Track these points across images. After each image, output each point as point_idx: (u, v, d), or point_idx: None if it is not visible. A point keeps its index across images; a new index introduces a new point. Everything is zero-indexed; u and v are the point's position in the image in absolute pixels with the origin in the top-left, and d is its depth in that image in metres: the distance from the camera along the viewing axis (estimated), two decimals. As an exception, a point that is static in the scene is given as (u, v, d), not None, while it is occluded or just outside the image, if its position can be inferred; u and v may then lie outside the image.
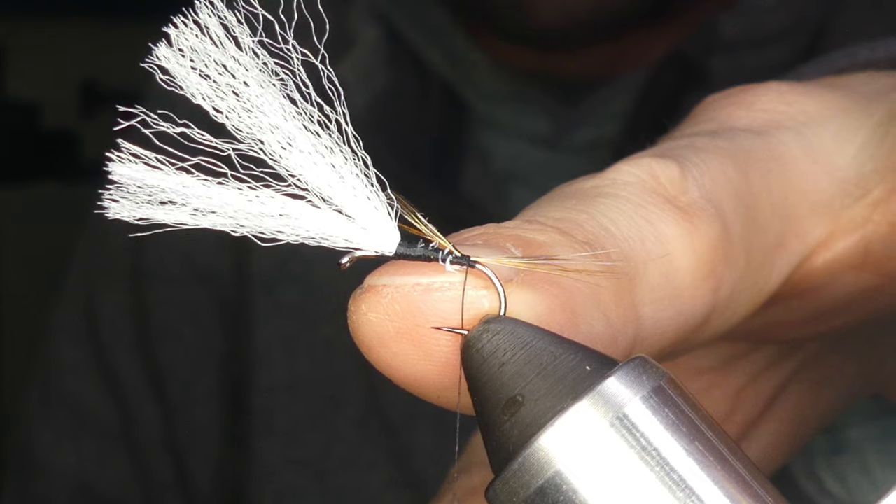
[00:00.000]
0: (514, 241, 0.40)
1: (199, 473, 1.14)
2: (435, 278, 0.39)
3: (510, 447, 0.37)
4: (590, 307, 0.40)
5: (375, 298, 0.39)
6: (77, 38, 3.40)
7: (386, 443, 1.07)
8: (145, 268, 1.15)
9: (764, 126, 0.49)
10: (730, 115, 0.50)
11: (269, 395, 1.09)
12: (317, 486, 1.09)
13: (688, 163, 0.45)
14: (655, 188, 0.44)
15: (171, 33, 0.38)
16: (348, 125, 0.39)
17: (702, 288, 0.44)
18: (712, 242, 0.44)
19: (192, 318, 1.14)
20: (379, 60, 1.08)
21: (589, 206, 0.43)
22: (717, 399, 0.56)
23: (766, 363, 0.57)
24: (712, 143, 0.47)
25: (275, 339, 1.10)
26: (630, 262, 0.41)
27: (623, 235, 0.42)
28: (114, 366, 1.16)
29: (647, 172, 0.44)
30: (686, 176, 0.44)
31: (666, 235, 0.43)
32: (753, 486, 0.37)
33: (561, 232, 0.41)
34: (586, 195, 0.44)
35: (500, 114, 1.10)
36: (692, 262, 0.43)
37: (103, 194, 0.39)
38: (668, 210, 0.43)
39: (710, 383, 0.56)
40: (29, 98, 3.29)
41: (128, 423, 1.16)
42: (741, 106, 0.50)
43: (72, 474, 1.16)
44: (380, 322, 0.39)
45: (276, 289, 1.10)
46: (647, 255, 0.42)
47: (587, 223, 0.42)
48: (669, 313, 0.43)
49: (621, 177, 0.44)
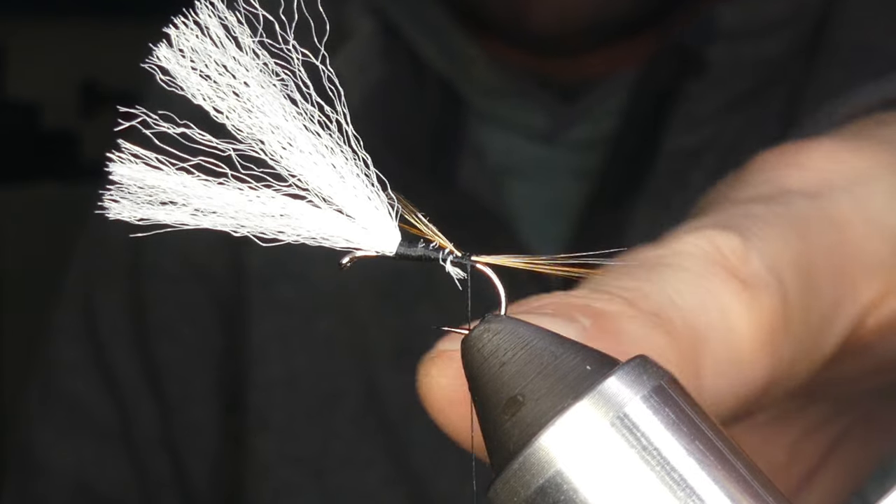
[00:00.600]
0: (583, 311, 0.41)
1: (197, 471, 1.14)
2: None
3: (511, 447, 0.37)
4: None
5: (447, 364, 0.40)
6: (77, 38, 3.40)
7: (384, 440, 1.07)
8: (143, 266, 1.15)
9: (817, 188, 0.49)
10: (783, 176, 0.50)
11: (267, 392, 1.09)
12: (314, 482, 1.09)
13: (749, 233, 0.46)
14: (718, 260, 0.45)
15: (171, 34, 0.38)
16: (349, 125, 0.39)
17: (761, 358, 0.44)
18: (772, 313, 0.44)
19: (189, 316, 1.14)
20: (374, 53, 1.07)
21: (654, 276, 0.43)
22: (773, 452, 0.57)
23: (822, 418, 0.57)
24: (770, 210, 0.48)
25: (272, 336, 1.10)
26: (694, 333, 0.42)
27: (687, 306, 0.43)
28: (112, 365, 1.16)
29: (710, 244, 0.45)
30: (748, 247, 0.45)
31: (728, 307, 0.43)
32: (754, 485, 0.37)
33: (628, 303, 0.42)
34: (651, 265, 0.44)
35: (496, 109, 1.10)
36: (752, 333, 0.44)
37: (104, 194, 0.39)
38: (730, 282, 0.44)
39: (764, 438, 0.56)
40: (29, 98, 3.29)
41: (126, 421, 1.16)
42: (793, 167, 0.51)
43: (71, 473, 1.16)
44: (451, 387, 0.40)
45: (272, 286, 1.10)
46: (710, 326, 0.43)
47: (653, 294, 0.42)
48: (729, 382, 0.44)
49: (684, 248, 0.45)
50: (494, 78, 1.08)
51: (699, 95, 1.04)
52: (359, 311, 1.08)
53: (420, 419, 1.19)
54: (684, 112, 1.04)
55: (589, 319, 0.40)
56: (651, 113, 1.06)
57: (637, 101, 1.06)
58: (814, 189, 0.49)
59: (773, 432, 0.56)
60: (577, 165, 1.08)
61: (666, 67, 1.05)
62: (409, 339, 1.07)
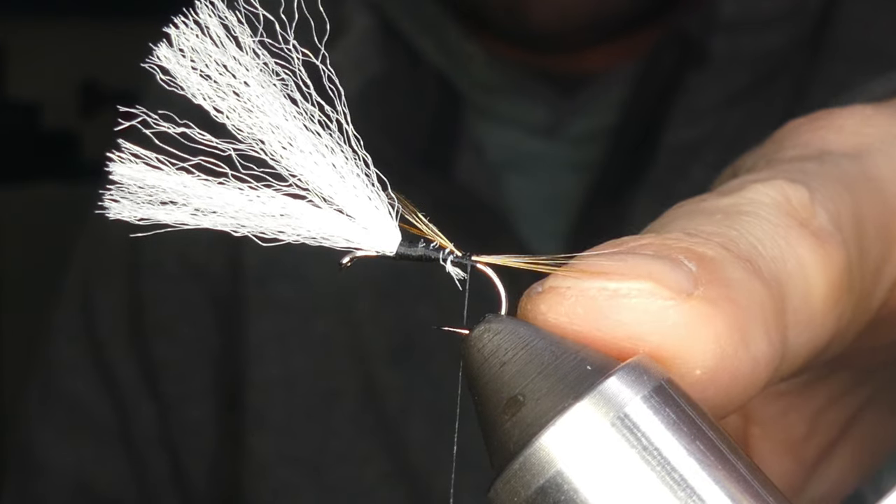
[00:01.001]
0: (686, 254, 0.39)
1: (195, 470, 1.14)
2: (622, 283, 0.38)
3: (511, 447, 0.37)
4: (757, 327, 0.40)
5: (557, 300, 0.38)
6: (77, 38, 3.40)
7: (382, 438, 1.07)
8: (142, 266, 1.15)
9: (856, 149, 0.49)
10: (822, 139, 0.50)
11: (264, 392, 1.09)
12: (312, 481, 1.09)
13: (812, 188, 0.45)
14: (790, 211, 0.44)
15: (171, 33, 0.38)
16: (349, 125, 0.39)
17: (831, 315, 0.44)
18: (841, 269, 0.44)
19: (187, 316, 1.14)
20: (371, 48, 1.07)
21: (735, 222, 0.42)
22: (795, 422, 0.56)
23: (845, 387, 0.57)
24: (822, 168, 0.48)
25: (269, 335, 1.10)
26: (780, 284, 0.41)
27: (769, 255, 0.42)
28: (111, 364, 1.16)
29: (782, 194, 0.44)
30: (814, 200, 0.45)
31: (804, 260, 0.43)
32: (754, 485, 0.37)
33: (723, 246, 0.41)
34: (728, 212, 0.43)
35: (496, 104, 1.10)
36: (825, 289, 0.43)
37: (104, 194, 0.38)
38: (804, 234, 0.43)
39: (788, 406, 0.56)
40: (29, 98, 3.29)
41: (125, 421, 1.16)
42: (831, 130, 0.51)
43: (70, 473, 1.16)
44: (559, 324, 0.39)
45: (269, 284, 1.10)
46: (790, 279, 0.42)
47: (740, 240, 0.41)
48: (805, 338, 0.43)
49: (758, 196, 0.44)
50: (493, 75, 1.08)
51: (700, 88, 1.04)
52: (356, 311, 1.08)
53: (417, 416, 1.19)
54: (685, 105, 1.04)
55: (693, 262, 0.39)
56: (652, 105, 1.06)
57: (638, 93, 1.06)
58: (852, 150, 0.49)
59: (796, 401, 0.56)
60: (577, 159, 1.08)
61: (667, 58, 1.05)
62: (406, 338, 1.07)
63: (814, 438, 0.57)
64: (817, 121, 0.52)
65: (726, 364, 0.39)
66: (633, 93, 1.06)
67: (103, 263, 1.18)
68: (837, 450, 0.58)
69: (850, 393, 0.57)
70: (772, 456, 0.57)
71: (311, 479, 1.09)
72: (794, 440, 0.57)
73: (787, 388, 0.56)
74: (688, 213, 0.43)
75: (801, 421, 0.57)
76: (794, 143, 0.51)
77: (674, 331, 0.38)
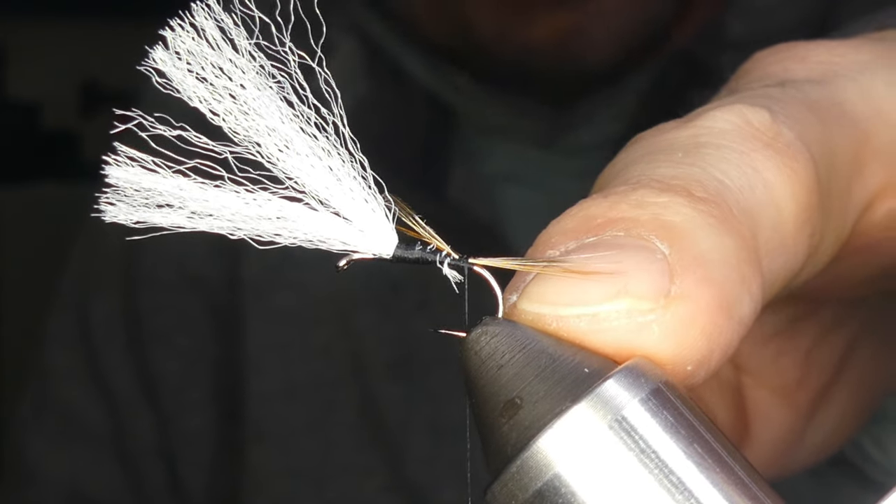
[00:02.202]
0: (656, 231, 0.39)
1: (193, 481, 1.14)
2: (600, 308, 0.38)
3: (508, 450, 0.37)
4: (738, 293, 0.39)
5: (539, 323, 0.39)
6: (77, 38, 3.40)
7: (380, 450, 1.07)
8: (138, 274, 1.14)
9: (822, 76, 0.49)
10: (786, 69, 0.50)
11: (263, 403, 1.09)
12: (312, 493, 1.09)
13: (774, 109, 0.45)
14: (752, 133, 0.43)
15: (167, 36, 0.38)
16: (345, 127, 0.39)
17: (802, 234, 0.44)
18: (810, 187, 0.44)
19: (184, 325, 1.14)
20: (357, 69, 1.07)
21: (698, 159, 0.42)
22: (787, 367, 0.56)
23: (831, 323, 0.57)
24: (784, 92, 0.47)
25: (267, 346, 1.10)
26: (751, 219, 0.41)
27: (736, 187, 0.41)
28: (106, 373, 1.15)
29: (742, 118, 0.44)
30: (777, 120, 0.44)
31: (771, 182, 0.42)
32: (752, 488, 0.37)
33: (688, 193, 0.40)
34: (689, 147, 0.43)
35: (490, 117, 1.09)
36: (794, 208, 0.43)
37: (100, 198, 0.38)
38: (770, 155, 0.43)
39: (778, 350, 0.56)
40: (29, 98, 3.29)
41: (120, 430, 1.15)
42: (795, 60, 0.51)
43: (63, 482, 1.16)
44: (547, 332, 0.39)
45: (267, 294, 1.09)
46: (760, 207, 0.42)
47: (704, 179, 0.41)
48: (779, 263, 0.43)
49: (717, 124, 0.44)
50: (484, 96, 1.08)
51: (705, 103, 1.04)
52: (356, 322, 1.08)
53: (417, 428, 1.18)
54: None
55: (666, 244, 0.39)
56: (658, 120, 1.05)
57: (643, 109, 1.06)
58: (818, 77, 0.49)
59: (785, 344, 0.56)
60: (576, 170, 1.08)
61: (674, 72, 1.05)
62: (406, 351, 1.06)
63: (808, 382, 0.57)
64: (780, 52, 0.52)
65: (714, 346, 0.39)
66: (638, 107, 1.06)
67: (100, 271, 1.18)
68: (833, 393, 0.58)
69: (836, 329, 0.57)
70: (767, 405, 0.56)
71: (310, 491, 1.09)
72: (787, 386, 0.56)
73: (774, 331, 0.55)
74: (648, 155, 0.43)
75: (793, 365, 0.56)
76: (759, 74, 0.51)
77: (660, 342, 0.38)
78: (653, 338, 0.38)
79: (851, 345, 0.58)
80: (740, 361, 0.56)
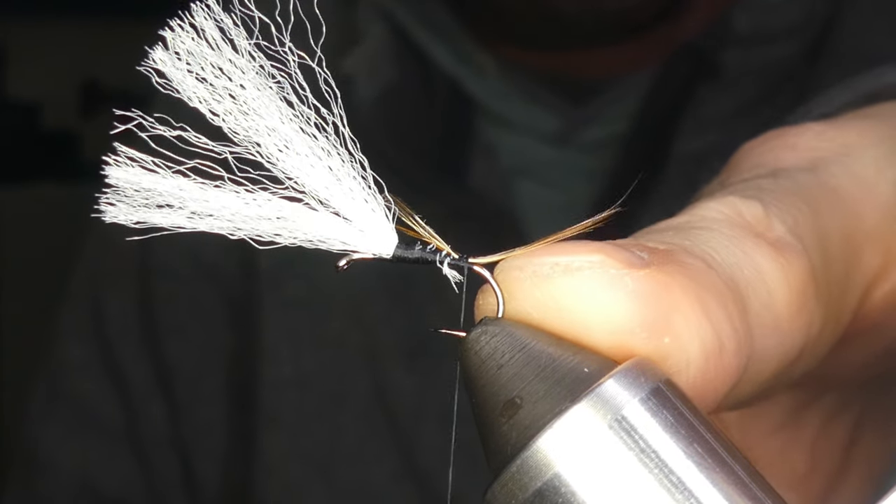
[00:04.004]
0: (636, 247, 0.40)
1: (205, 470, 1.14)
2: (574, 257, 0.38)
3: (508, 449, 0.37)
4: (716, 303, 0.40)
5: (516, 285, 0.39)
6: (77, 38, 3.40)
7: (392, 437, 1.08)
8: (152, 265, 1.15)
9: (812, 163, 0.50)
10: (777, 158, 0.51)
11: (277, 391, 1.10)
12: (323, 479, 1.09)
13: (766, 202, 0.46)
14: (743, 224, 0.44)
15: (167, 36, 0.38)
16: (345, 127, 0.39)
17: (797, 321, 0.44)
18: (804, 277, 0.44)
19: (199, 315, 1.14)
20: (385, 56, 1.08)
21: (687, 236, 0.43)
22: (795, 458, 0.56)
23: (835, 408, 0.57)
24: (777, 184, 0.48)
25: (282, 335, 1.10)
26: (738, 288, 0.41)
27: (725, 262, 0.42)
28: (120, 364, 1.16)
29: (733, 210, 0.45)
30: (769, 214, 0.45)
31: (762, 268, 0.43)
32: (752, 488, 0.37)
33: (666, 254, 0.41)
34: (681, 229, 0.44)
35: (508, 111, 1.10)
36: (787, 295, 0.43)
37: (100, 198, 0.38)
38: (760, 244, 0.44)
39: (784, 442, 0.56)
40: (29, 98, 3.29)
41: (134, 421, 1.16)
42: (785, 148, 0.51)
43: (76, 473, 1.16)
44: (523, 316, 0.39)
45: (282, 285, 1.10)
46: (749, 284, 0.42)
47: (692, 249, 0.42)
48: (773, 342, 0.43)
49: (709, 213, 0.45)
50: (505, 83, 1.09)
51: (711, 100, 1.05)
52: (370, 312, 1.09)
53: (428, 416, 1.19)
54: (694, 115, 1.05)
55: (646, 252, 0.39)
56: (664, 116, 1.06)
57: (650, 103, 1.06)
58: (808, 165, 0.50)
59: (791, 434, 0.56)
60: (588, 167, 1.09)
61: (680, 71, 1.06)
62: (419, 340, 1.07)
63: (818, 470, 0.57)
64: (769, 141, 0.52)
65: (692, 329, 0.39)
66: (645, 103, 1.06)
67: (113, 263, 1.18)
68: (845, 476, 0.58)
69: (841, 413, 0.57)
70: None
71: (321, 478, 1.09)
72: (798, 476, 0.56)
73: (778, 423, 0.55)
74: (638, 234, 0.44)
75: (802, 454, 0.56)
76: (748, 165, 0.51)
77: (632, 301, 0.38)
78: (626, 291, 0.38)
79: (858, 425, 0.58)
80: (750, 455, 0.56)
